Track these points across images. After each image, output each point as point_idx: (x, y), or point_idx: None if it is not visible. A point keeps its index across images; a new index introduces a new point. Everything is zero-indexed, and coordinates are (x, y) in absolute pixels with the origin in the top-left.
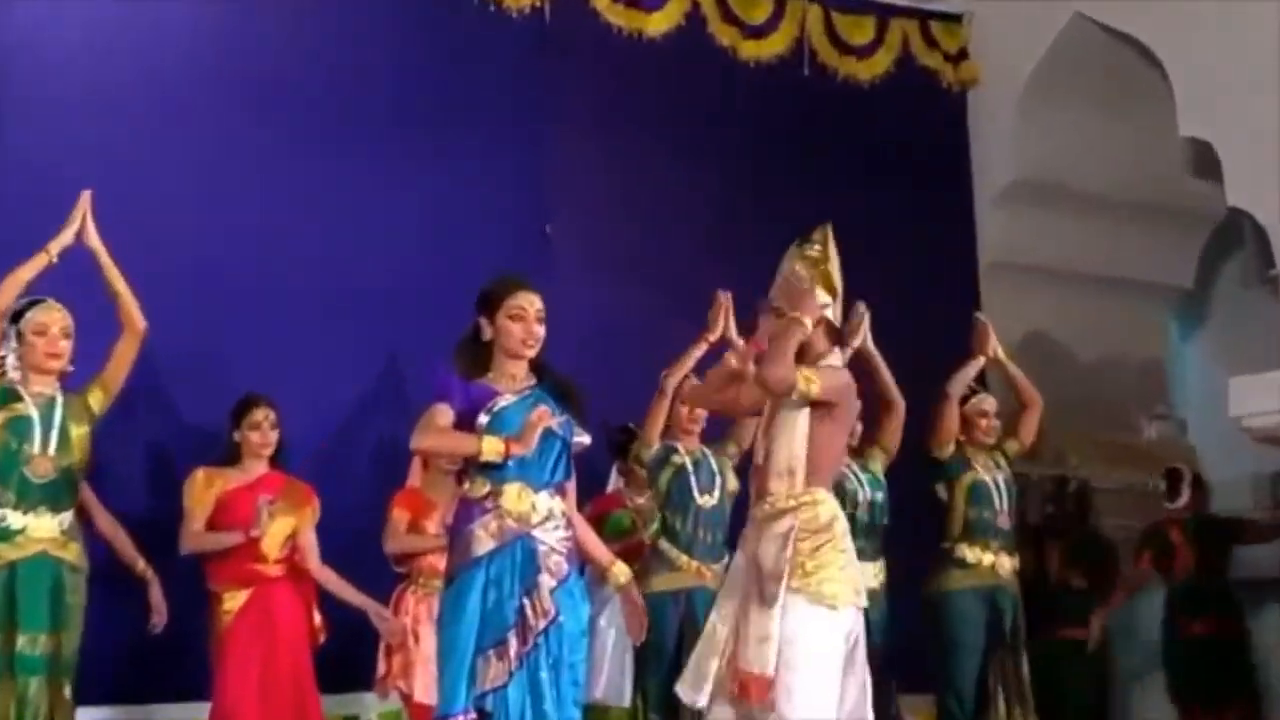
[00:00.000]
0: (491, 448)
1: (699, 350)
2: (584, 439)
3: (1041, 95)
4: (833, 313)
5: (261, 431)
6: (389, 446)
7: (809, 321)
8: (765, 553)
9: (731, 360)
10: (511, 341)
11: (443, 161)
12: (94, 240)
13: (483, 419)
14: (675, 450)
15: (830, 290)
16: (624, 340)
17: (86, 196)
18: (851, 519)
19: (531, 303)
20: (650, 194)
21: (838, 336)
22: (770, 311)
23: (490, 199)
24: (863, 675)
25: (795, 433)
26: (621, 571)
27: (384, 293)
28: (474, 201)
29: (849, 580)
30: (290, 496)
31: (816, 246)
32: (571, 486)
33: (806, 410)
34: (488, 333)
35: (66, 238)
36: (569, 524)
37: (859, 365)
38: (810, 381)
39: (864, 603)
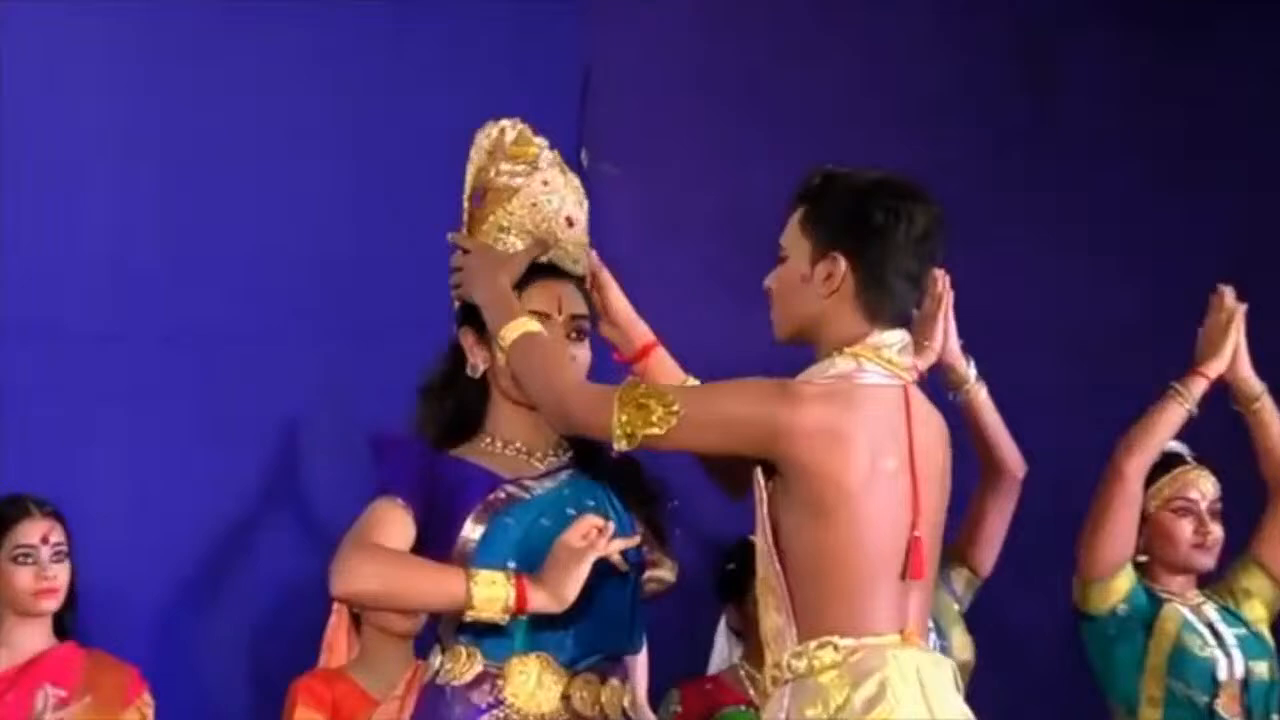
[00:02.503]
0: (491, 595)
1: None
2: (665, 573)
3: None
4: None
5: (38, 567)
6: (287, 589)
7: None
8: None
9: None
10: None
11: (403, 43)
12: None
13: (470, 531)
14: None
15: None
16: (716, 355)
17: None
18: (1205, 717)
19: (560, 298)
20: (761, 104)
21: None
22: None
23: (488, 113)
24: None
25: (763, 533)
26: None
27: (281, 289)
28: (456, 119)
29: None
30: (97, 690)
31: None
32: (643, 662)
33: (761, 483)
34: (477, 362)
35: None
36: None
37: (1226, 404)
38: (645, 411)
39: None
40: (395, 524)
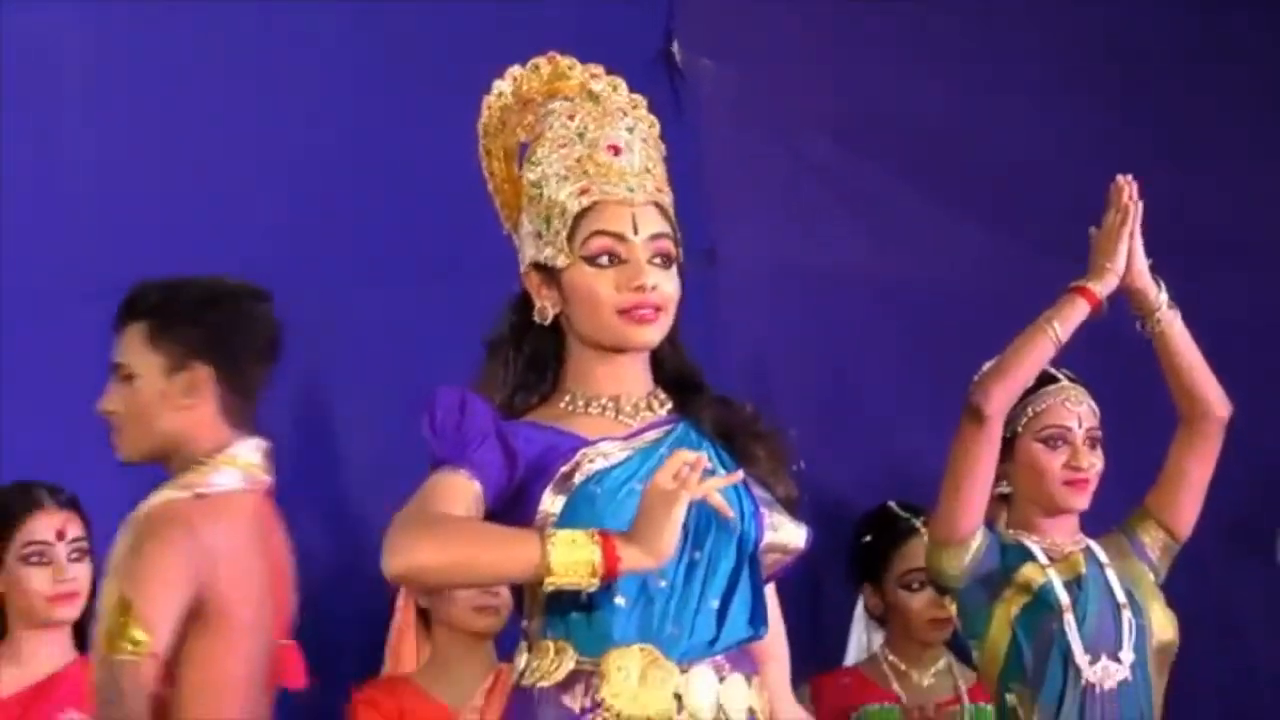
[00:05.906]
0: (573, 558)
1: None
2: (790, 538)
3: None
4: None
5: (54, 567)
6: (339, 583)
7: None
8: None
9: None
10: (602, 318)
11: None
12: None
13: (550, 503)
14: (1023, 552)
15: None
16: (834, 280)
17: None
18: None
19: (634, 215)
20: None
21: None
22: None
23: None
24: None
25: None
26: None
27: (314, 239)
28: (488, 31)
29: None
30: None
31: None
32: (780, 651)
33: None
34: (545, 306)
35: None
36: None
37: None
38: None
39: None
40: (460, 496)
